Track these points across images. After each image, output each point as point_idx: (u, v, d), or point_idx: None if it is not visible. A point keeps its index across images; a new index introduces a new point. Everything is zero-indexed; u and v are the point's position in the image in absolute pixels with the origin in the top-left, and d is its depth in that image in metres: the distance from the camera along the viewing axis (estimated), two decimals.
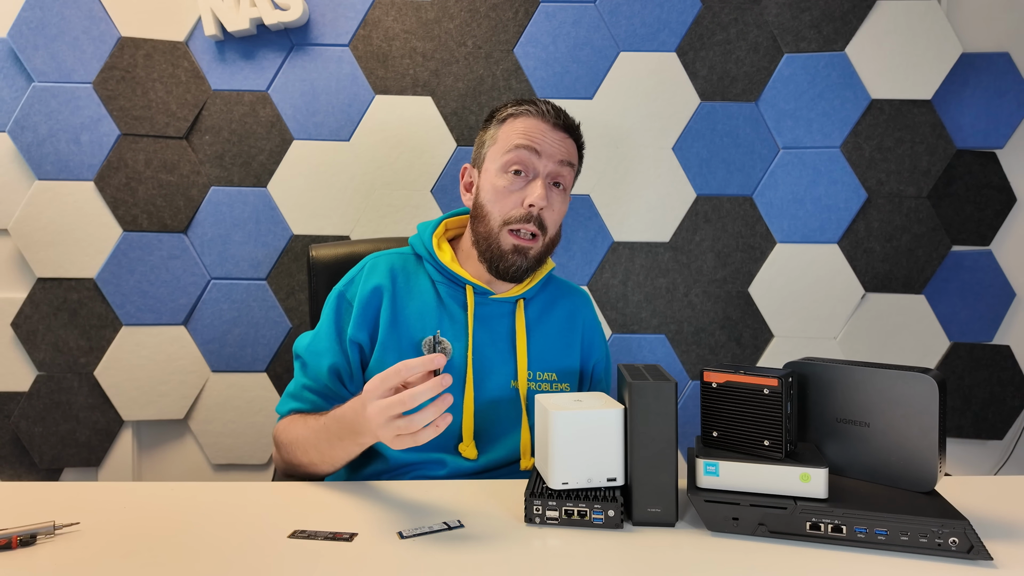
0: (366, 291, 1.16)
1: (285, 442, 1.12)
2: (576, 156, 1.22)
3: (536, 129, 1.16)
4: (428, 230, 1.24)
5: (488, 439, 1.14)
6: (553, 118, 1.18)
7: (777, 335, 1.95)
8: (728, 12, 1.91)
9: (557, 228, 1.20)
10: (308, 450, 1.06)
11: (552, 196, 1.16)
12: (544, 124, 1.17)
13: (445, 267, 1.18)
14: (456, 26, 1.90)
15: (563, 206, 1.20)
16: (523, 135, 1.16)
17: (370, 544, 0.79)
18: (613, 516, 0.84)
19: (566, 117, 1.20)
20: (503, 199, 1.15)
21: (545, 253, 1.20)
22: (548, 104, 1.20)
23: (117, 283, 1.86)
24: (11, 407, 1.87)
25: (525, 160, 1.14)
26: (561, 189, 1.18)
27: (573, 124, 1.21)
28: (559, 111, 1.20)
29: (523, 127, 1.17)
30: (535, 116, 1.18)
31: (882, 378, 0.87)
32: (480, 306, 1.18)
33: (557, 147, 1.16)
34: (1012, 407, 1.92)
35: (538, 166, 1.15)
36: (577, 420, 0.87)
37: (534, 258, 1.17)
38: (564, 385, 1.21)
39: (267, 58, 1.88)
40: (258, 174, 1.89)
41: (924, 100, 1.90)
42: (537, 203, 1.12)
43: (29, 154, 1.82)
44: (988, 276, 1.92)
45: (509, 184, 1.15)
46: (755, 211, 1.94)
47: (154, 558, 0.75)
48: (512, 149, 1.15)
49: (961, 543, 0.75)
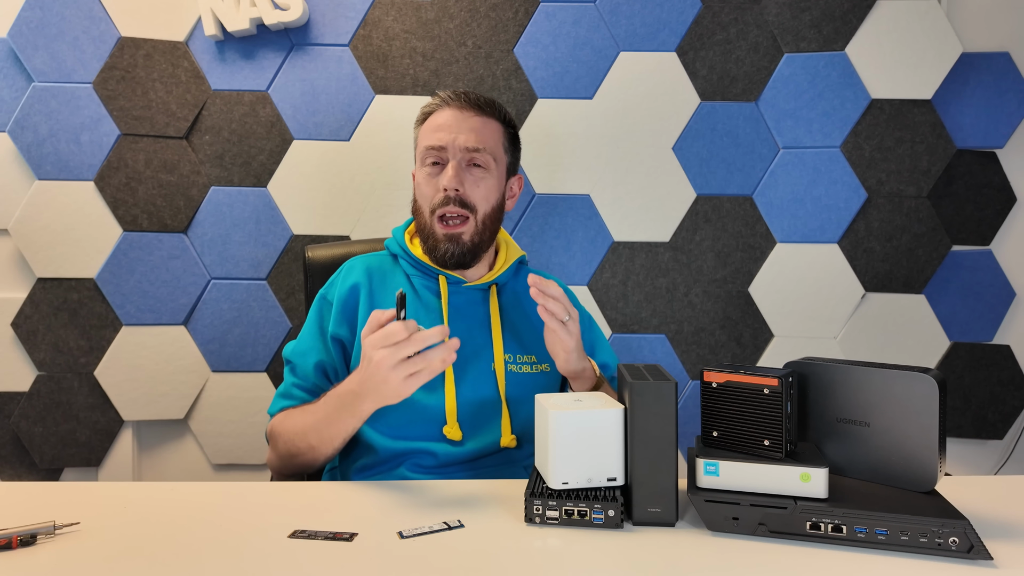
0: (344, 290, 1.21)
1: (281, 432, 1.13)
2: (491, 137, 1.22)
3: (446, 120, 1.19)
4: (400, 231, 1.29)
5: (474, 424, 1.16)
6: (459, 102, 1.20)
7: (777, 335, 1.95)
8: (728, 12, 1.91)
9: (490, 204, 1.21)
10: (307, 434, 1.08)
11: (468, 176, 1.19)
12: (453, 111, 1.20)
13: (418, 259, 1.23)
14: (456, 26, 1.90)
15: (489, 180, 1.21)
16: (431, 132, 1.20)
17: (370, 544, 0.79)
18: (613, 516, 0.84)
19: (471, 97, 1.22)
20: (425, 190, 1.20)
21: (484, 232, 1.21)
22: (452, 91, 1.23)
23: (117, 283, 1.86)
24: (11, 407, 1.87)
25: (436, 154, 1.19)
26: (482, 168, 1.20)
27: (481, 101, 1.22)
28: (463, 94, 1.22)
29: (434, 123, 1.21)
30: (444, 106, 1.21)
31: (882, 378, 0.87)
32: (454, 295, 1.22)
33: (464, 135, 1.18)
34: (1012, 407, 1.92)
35: (448, 156, 1.19)
36: (577, 420, 0.87)
37: (469, 241, 1.19)
38: (544, 366, 1.23)
39: (267, 58, 1.88)
40: (258, 174, 1.89)
41: (924, 100, 1.90)
42: (448, 185, 1.16)
43: (29, 154, 1.82)
44: (988, 276, 1.92)
45: (428, 175, 1.20)
46: (755, 211, 1.94)
47: (154, 558, 0.75)
48: (426, 147, 1.20)
49: (961, 543, 0.75)
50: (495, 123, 1.24)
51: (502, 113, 1.26)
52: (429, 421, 1.14)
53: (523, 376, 1.20)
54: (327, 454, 1.10)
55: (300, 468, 1.13)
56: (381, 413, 1.14)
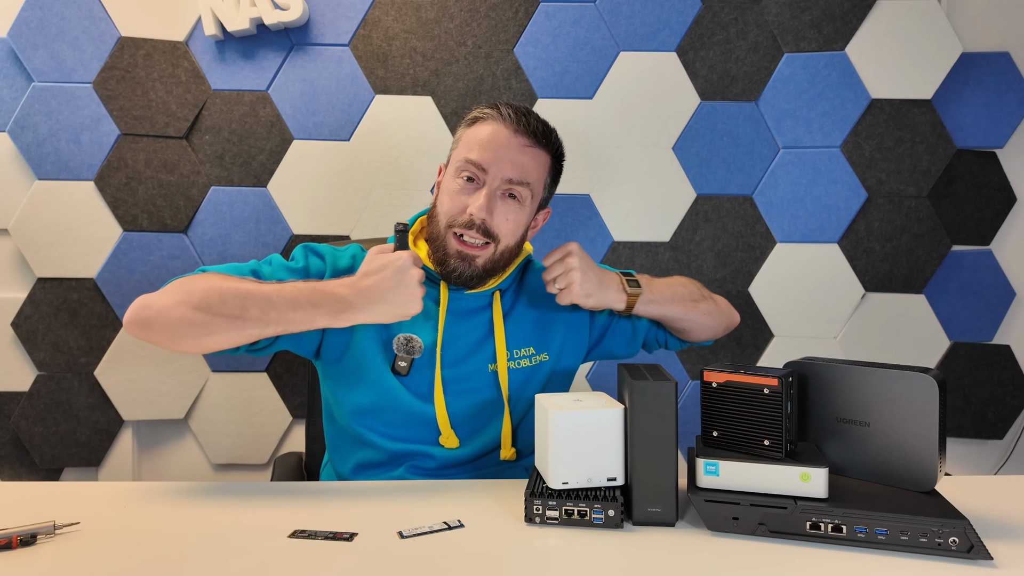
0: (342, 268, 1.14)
1: (208, 284, 1.00)
2: (536, 172, 1.14)
3: (495, 137, 1.11)
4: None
5: (473, 428, 1.14)
6: (514, 124, 1.12)
7: (777, 335, 1.95)
8: (728, 12, 1.91)
9: (515, 238, 1.15)
10: (249, 300, 0.98)
11: (501, 207, 1.11)
12: (506, 130, 1.12)
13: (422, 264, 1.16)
14: (456, 26, 1.90)
15: (520, 216, 1.13)
16: (479, 146, 1.11)
17: (370, 544, 0.79)
18: (613, 516, 0.84)
19: (531, 122, 1.13)
20: (451, 202, 1.12)
21: (499, 263, 1.15)
22: (513, 108, 1.13)
23: (117, 283, 1.86)
24: (11, 407, 1.87)
25: (474, 171, 1.11)
26: (516, 200, 1.12)
27: (538, 130, 1.13)
28: (523, 116, 1.13)
29: (484, 134, 1.12)
30: (498, 121, 1.13)
31: (882, 378, 0.87)
32: (455, 301, 1.17)
33: (511, 163, 1.10)
34: (1012, 407, 1.92)
35: (486, 178, 1.11)
36: (577, 420, 0.87)
37: (483, 267, 1.12)
38: (542, 355, 1.19)
39: (267, 58, 1.88)
40: (258, 174, 1.89)
41: (924, 100, 1.90)
42: (476, 214, 1.08)
43: (29, 154, 1.82)
44: (988, 276, 1.92)
45: (459, 189, 1.12)
46: (755, 211, 1.94)
47: (154, 558, 0.75)
48: (465, 159, 1.11)
49: (961, 543, 0.75)
50: (545, 156, 1.16)
51: (555, 146, 1.17)
52: (426, 426, 1.13)
53: (521, 371, 1.18)
54: (250, 334, 0.99)
55: (193, 331, 0.98)
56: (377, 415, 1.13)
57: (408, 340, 1.12)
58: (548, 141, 1.15)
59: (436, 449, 1.13)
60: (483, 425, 1.15)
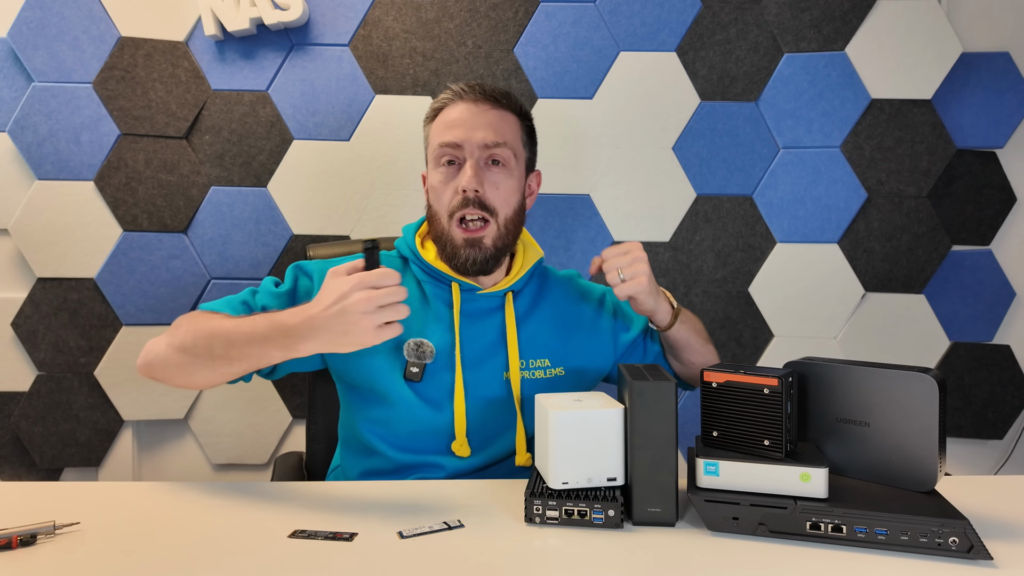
0: None
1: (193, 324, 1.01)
2: (509, 131, 1.14)
3: (461, 115, 1.12)
4: (411, 231, 1.21)
5: (484, 436, 1.13)
6: (472, 95, 1.12)
7: (777, 335, 1.95)
8: (728, 12, 1.91)
9: (512, 208, 1.14)
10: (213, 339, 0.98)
11: (489, 175, 1.11)
12: (468, 105, 1.12)
13: (430, 265, 1.15)
14: (456, 26, 1.90)
15: (509, 180, 1.13)
16: (446, 127, 1.12)
17: (370, 544, 0.79)
18: (613, 516, 0.84)
19: (486, 89, 1.14)
20: (442, 193, 1.12)
21: (506, 236, 1.13)
22: (464, 83, 1.15)
23: (117, 283, 1.86)
24: (11, 407, 1.87)
25: (452, 152, 1.12)
26: (501, 166, 1.12)
27: (496, 93, 1.14)
28: (476, 86, 1.14)
29: (447, 119, 1.13)
30: (457, 100, 1.13)
31: (882, 378, 0.87)
32: (468, 303, 1.15)
33: (482, 128, 1.11)
34: (1012, 407, 1.92)
35: (464, 154, 1.11)
36: (577, 420, 0.87)
37: (492, 245, 1.11)
38: (558, 370, 1.18)
39: (267, 58, 1.88)
40: (258, 174, 1.89)
41: (924, 100, 1.90)
42: (467, 186, 1.08)
43: (29, 154, 1.82)
44: (988, 276, 1.92)
45: (445, 177, 1.12)
46: (755, 211, 1.94)
47: (154, 558, 0.75)
48: (439, 145, 1.12)
49: (961, 543, 0.75)
50: (512, 116, 1.16)
51: (518, 105, 1.18)
52: (437, 435, 1.11)
53: (535, 382, 1.15)
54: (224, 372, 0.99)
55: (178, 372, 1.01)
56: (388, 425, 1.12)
57: (419, 345, 1.11)
58: (509, 101, 1.16)
59: (445, 459, 1.12)
60: (495, 435, 1.14)
